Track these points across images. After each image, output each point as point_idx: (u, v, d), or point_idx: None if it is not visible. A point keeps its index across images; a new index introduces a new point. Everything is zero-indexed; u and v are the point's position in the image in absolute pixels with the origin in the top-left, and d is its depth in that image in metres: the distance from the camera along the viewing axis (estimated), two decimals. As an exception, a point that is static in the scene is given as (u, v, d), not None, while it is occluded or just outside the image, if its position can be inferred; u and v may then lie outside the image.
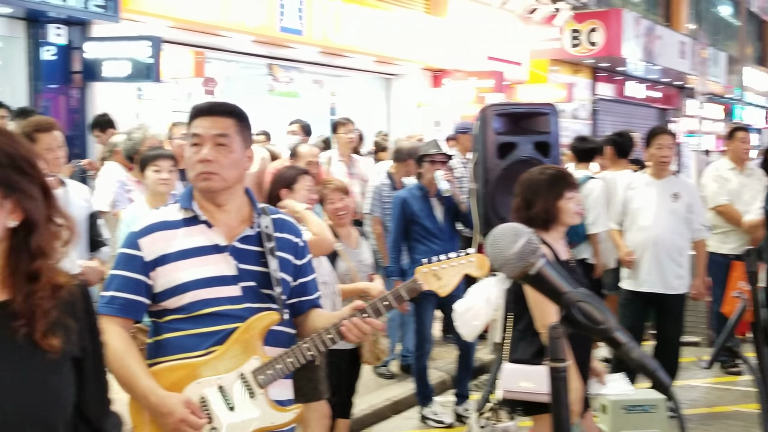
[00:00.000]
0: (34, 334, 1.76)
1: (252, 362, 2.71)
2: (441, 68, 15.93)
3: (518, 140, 5.09)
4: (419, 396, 6.44)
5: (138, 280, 2.70)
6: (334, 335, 2.74)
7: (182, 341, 2.69)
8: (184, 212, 2.75)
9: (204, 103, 2.86)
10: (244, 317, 2.71)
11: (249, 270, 2.75)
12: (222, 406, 2.68)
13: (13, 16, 9.50)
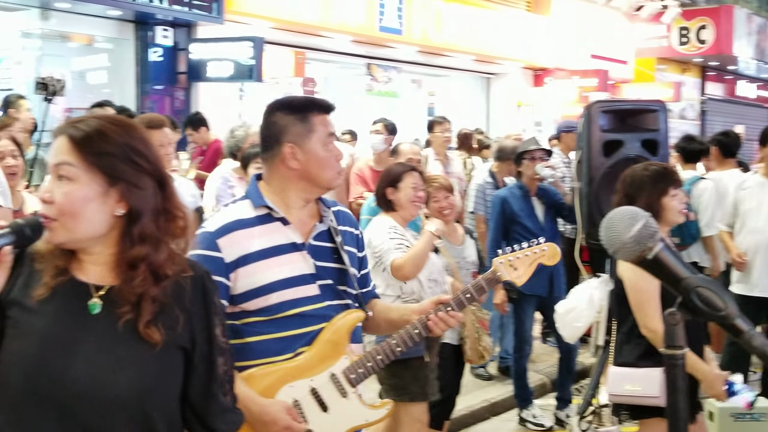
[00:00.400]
0: (137, 322, 1.80)
1: (342, 362, 2.68)
2: (543, 67, 15.70)
3: (625, 138, 4.95)
4: (518, 398, 6.32)
5: (220, 282, 2.52)
6: (421, 330, 2.74)
7: (268, 345, 2.60)
8: (257, 209, 2.64)
9: (324, 100, 2.79)
10: (326, 316, 2.66)
11: (326, 267, 2.70)
12: (315, 408, 2.63)
13: (122, 18, 9.80)
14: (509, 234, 6.20)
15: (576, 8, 16.16)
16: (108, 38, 10.17)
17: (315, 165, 2.65)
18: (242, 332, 2.60)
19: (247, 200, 2.68)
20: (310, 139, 2.65)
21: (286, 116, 2.66)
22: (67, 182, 1.81)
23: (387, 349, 2.73)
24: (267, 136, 2.70)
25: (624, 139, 4.95)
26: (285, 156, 2.64)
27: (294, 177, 2.66)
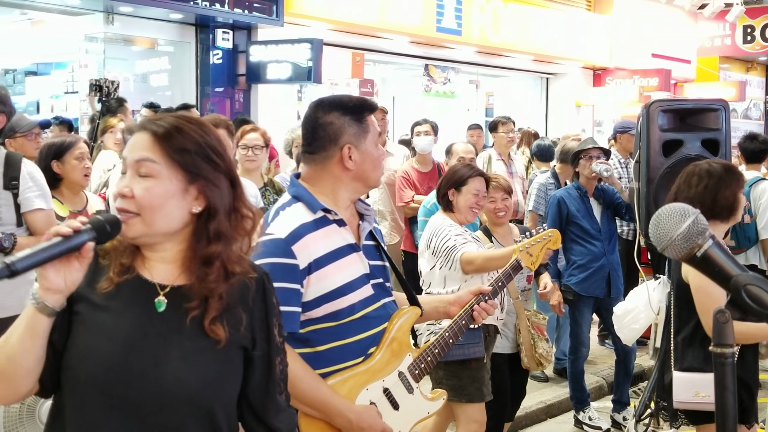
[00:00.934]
0: (204, 319, 1.84)
1: (407, 359, 2.74)
2: (603, 66, 15.52)
3: (685, 137, 4.86)
4: (574, 400, 6.27)
5: (297, 290, 2.52)
6: (467, 320, 2.89)
7: (339, 351, 2.60)
8: (314, 213, 2.61)
9: (371, 99, 2.82)
10: (385, 316, 2.70)
11: (375, 266, 2.74)
12: (388, 408, 2.69)
13: (183, 22, 9.96)
14: (565, 235, 6.16)
15: (637, 7, 15.93)
16: (169, 41, 10.35)
17: (369, 165, 2.67)
18: (312, 341, 2.59)
19: (299, 203, 2.64)
20: (366, 139, 2.66)
21: (342, 117, 2.64)
22: (148, 178, 1.84)
23: (442, 342, 2.84)
24: (321, 137, 2.65)
25: (684, 139, 4.86)
26: (342, 156, 2.63)
27: (347, 177, 2.66)
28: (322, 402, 2.53)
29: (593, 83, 15.73)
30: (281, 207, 2.67)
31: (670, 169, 4.83)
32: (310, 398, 2.51)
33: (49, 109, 10.40)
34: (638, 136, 4.96)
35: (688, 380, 3.75)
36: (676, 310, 3.93)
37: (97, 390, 1.78)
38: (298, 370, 2.48)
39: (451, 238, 4.41)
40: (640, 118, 4.95)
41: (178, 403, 1.81)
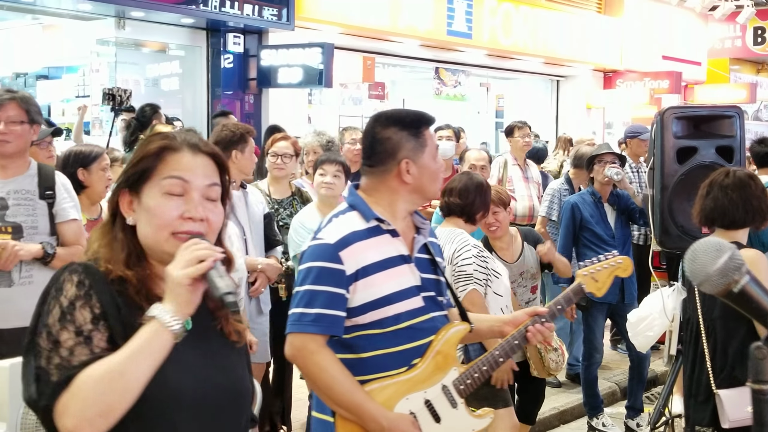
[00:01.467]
0: (220, 328, 1.93)
1: (452, 373, 2.74)
2: (613, 69, 15.50)
3: (699, 144, 4.82)
4: (587, 406, 6.25)
5: (342, 295, 2.59)
6: (521, 341, 2.83)
7: (384, 360, 2.64)
8: (367, 222, 2.68)
9: (428, 114, 2.85)
10: (433, 328, 2.73)
11: (428, 279, 2.77)
12: (429, 419, 2.68)
13: (194, 26, 9.98)
14: (578, 240, 6.14)
15: (648, 9, 15.90)
16: (180, 45, 10.38)
17: (427, 178, 2.74)
18: (356, 347, 2.65)
19: (354, 212, 2.71)
20: (423, 153, 2.72)
21: (400, 132, 2.71)
22: (215, 203, 1.89)
23: (491, 360, 2.81)
24: (379, 151, 2.73)
25: (698, 146, 4.82)
26: (400, 171, 2.69)
27: (405, 190, 2.73)
28: (355, 405, 2.58)
29: (604, 86, 15.71)
30: (335, 214, 2.74)
31: (684, 176, 4.80)
32: (344, 401, 2.58)
33: (60, 113, 10.44)
34: (652, 142, 4.94)
35: (740, 396, 3.63)
36: (721, 322, 3.81)
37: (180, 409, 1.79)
38: (335, 372, 2.57)
39: (473, 269, 4.30)
40: (654, 125, 4.92)
41: (243, 399, 1.94)
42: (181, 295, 1.73)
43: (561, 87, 15.55)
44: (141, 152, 1.89)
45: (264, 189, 5.51)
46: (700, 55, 17.83)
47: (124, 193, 1.87)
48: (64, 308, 1.74)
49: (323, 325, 2.59)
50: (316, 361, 2.58)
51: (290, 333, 2.63)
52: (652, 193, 4.94)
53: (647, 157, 5.10)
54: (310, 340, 2.58)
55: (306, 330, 2.58)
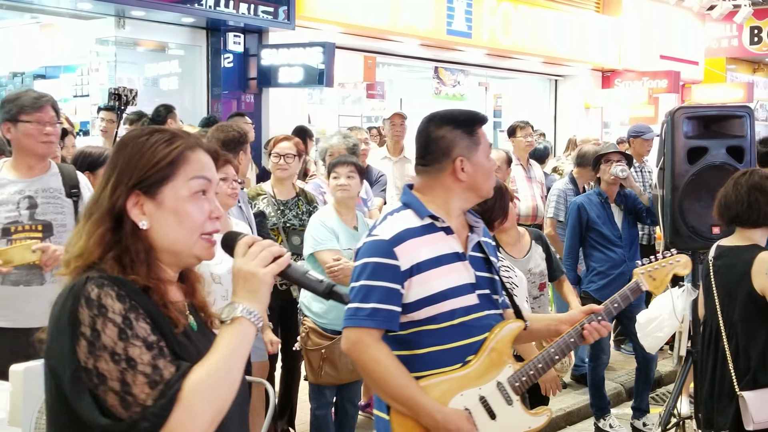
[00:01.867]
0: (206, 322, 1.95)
1: (507, 370, 2.76)
2: (612, 68, 15.49)
3: (709, 144, 4.82)
4: (594, 407, 6.23)
5: (397, 290, 2.64)
6: (576, 339, 2.86)
7: (439, 356, 2.68)
8: (421, 219, 2.73)
9: (481, 113, 2.90)
10: (487, 326, 2.76)
11: (483, 277, 2.81)
12: (484, 416, 2.70)
13: (194, 25, 9.93)
14: (585, 241, 6.12)
15: (647, 8, 15.91)
16: (180, 45, 10.32)
17: (481, 176, 2.78)
18: (412, 343, 2.69)
19: (408, 210, 2.76)
20: (477, 151, 2.77)
21: (454, 130, 2.76)
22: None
23: (547, 358, 2.83)
24: (434, 150, 2.77)
25: (708, 146, 4.82)
26: (455, 168, 2.74)
27: (460, 188, 2.77)
28: (410, 399, 2.61)
29: (602, 85, 15.71)
30: (390, 212, 2.80)
31: (695, 176, 4.80)
32: (398, 394, 2.62)
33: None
34: (662, 143, 4.92)
35: (765, 398, 3.68)
36: (742, 324, 3.83)
37: None
38: (390, 365, 2.61)
39: None
40: (665, 125, 4.91)
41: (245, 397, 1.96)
42: (263, 292, 1.77)
43: (559, 86, 15.54)
44: (160, 153, 1.79)
45: (268, 190, 5.48)
46: (698, 54, 17.85)
47: (135, 195, 1.76)
48: (120, 324, 1.63)
49: (379, 319, 2.63)
50: (372, 354, 2.62)
51: (346, 327, 2.69)
52: (662, 193, 4.92)
53: (657, 158, 5.07)
54: (366, 334, 2.62)
55: (362, 324, 2.64)
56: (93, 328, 1.62)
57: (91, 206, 1.80)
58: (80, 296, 1.65)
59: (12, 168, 3.99)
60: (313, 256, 4.78)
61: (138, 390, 1.61)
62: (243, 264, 1.79)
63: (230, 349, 1.70)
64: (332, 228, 4.80)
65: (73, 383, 1.61)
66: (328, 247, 4.73)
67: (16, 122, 3.90)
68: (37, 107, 3.92)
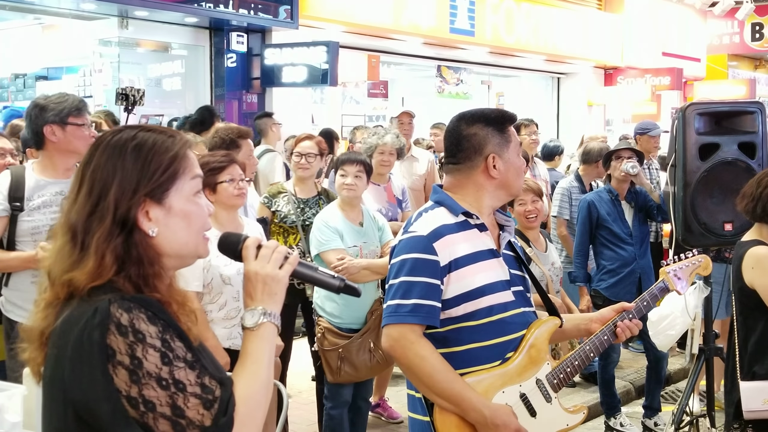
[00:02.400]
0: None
1: (545, 367, 2.75)
2: (614, 65, 15.46)
3: (721, 141, 4.79)
4: (605, 406, 6.20)
5: (437, 285, 2.63)
6: (609, 336, 2.87)
7: (478, 353, 2.67)
8: (456, 216, 2.73)
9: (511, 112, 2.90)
10: (524, 323, 2.76)
11: (516, 274, 2.82)
12: (525, 413, 2.69)
13: (198, 25, 9.90)
14: (595, 239, 6.09)
15: (649, 5, 15.88)
16: (183, 45, 10.29)
17: (513, 173, 2.79)
18: (450, 341, 2.67)
19: (441, 207, 2.75)
20: (508, 148, 2.78)
21: (485, 128, 2.77)
22: None
23: (582, 355, 2.84)
24: (465, 148, 2.77)
25: (720, 142, 4.79)
26: (487, 165, 2.74)
27: (491, 186, 2.78)
28: (457, 395, 2.59)
29: (604, 82, 15.67)
30: (424, 210, 2.80)
31: (706, 172, 4.77)
32: (445, 389, 2.59)
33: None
34: (674, 139, 4.89)
35: (758, 389, 3.78)
36: (741, 318, 3.92)
37: None
38: (435, 362, 2.59)
39: None
40: (676, 122, 4.88)
41: None
42: (281, 293, 1.79)
43: (562, 84, 15.51)
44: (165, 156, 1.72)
45: (289, 188, 5.47)
46: (700, 51, 17.82)
47: (145, 203, 1.69)
48: (160, 349, 1.58)
49: (421, 315, 2.61)
50: (416, 350, 2.59)
51: (387, 325, 2.65)
52: (673, 190, 4.89)
53: (668, 154, 5.04)
54: (409, 331, 2.60)
55: (404, 321, 2.62)
56: (133, 356, 1.56)
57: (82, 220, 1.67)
58: (108, 323, 1.56)
59: (44, 169, 4.02)
60: (319, 257, 4.77)
61: (192, 413, 1.58)
62: (259, 268, 1.77)
63: (264, 355, 1.73)
64: (335, 227, 4.78)
65: (117, 415, 1.55)
66: (332, 247, 4.72)
67: (65, 125, 3.94)
68: (83, 110, 4.02)
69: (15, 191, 3.89)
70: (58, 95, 4.07)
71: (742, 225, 4.73)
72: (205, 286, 4.12)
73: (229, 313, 4.17)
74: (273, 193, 5.47)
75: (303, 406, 6.19)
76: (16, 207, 3.89)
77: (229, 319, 4.19)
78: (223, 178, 4.16)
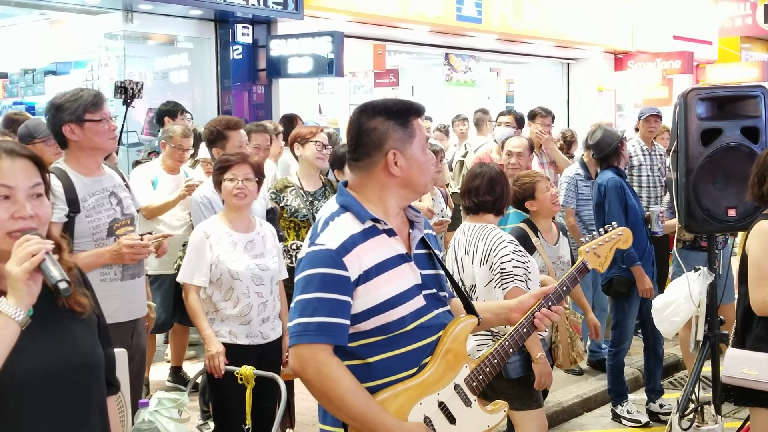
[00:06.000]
0: (67, 301, 2.14)
1: (463, 371, 2.63)
2: (624, 50, 15.35)
3: (724, 126, 4.74)
4: (612, 393, 6.18)
5: (348, 302, 2.45)
6: (528, 328, 2.74)
7: (391, 363, 2.52)
8: (362, 223, 2.53)
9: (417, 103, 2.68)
10: (437, 326, 2.60)
11: (428, 275, 2.64)
12: (444, 422, 2.58)
13: (203, 18, 9.90)
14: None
15: (659, -12, 15.75)
16: (189, 38, 10.29)
17: (416, 171, 2.57)
18: (359, 353, 2.51)
19: (347, 213, 2.56)
20: (412, 144, 2.56)
21: (386, 121, 2.54)
22: (39, 199, 2.15)
23: (501, 352, 2.70)
24: (365, 143, 2.56)
25: (723, 127, 4.74)
26: (388, 163, 2.53)
27: (394, 184, 2.57)
28: (371, 419, 2.44)
29: (615, 68, 15.56)
30: (330, 217, 2.57)
31: (709, 158, 4.72)
32: (358, 414, 2.44)
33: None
34: (675, 125, 4.84)
35: (739, 357, 3.90)
36: (741, 288, 3.97)
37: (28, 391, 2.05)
38: (349, 384, 2.43)
39: (511, 261, 4.21)
40: (678, 107, 4.83)
41: (93, 370, 2.20)
42: (21, 290, 1.97)
43: (572, 70, 15.41)
44: None
45: (296, 182, 5.46)
46: (711, 34, 17.66)
47: None
48: None
49: (332, 334, 2.44)
50: (327, 373, 2.42)
51: (295, 345, 2.46)
52: (676, 176, 4.85)
53: (670, 140, 5.00)
54: (320, 350, 2.43)
55: (314, 340, 2.42)
56: None
57: None
58: None
59: (80, 168, 3.94)
60: None
61: None
62: (7, 263, 1.99)
63: None
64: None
65: None
66: None
67: (82, 122, 3.85)
68: (100, 104, 3.91)
69: (69, 194, 3.83)
70: (73, 92, 3.93)
71: (745, 210, 4.69)
72: (215, 282, 4.25)
73: (242, 310, 4.27)
74: (279, 187, 5.47)
75: (310, 397, 6.18)
76: (73, 210, 3.84)
77: (244, 315, 4.28)
78: (226, 176, 4.31)
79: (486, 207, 4.41)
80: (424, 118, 2.78)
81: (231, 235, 4.31)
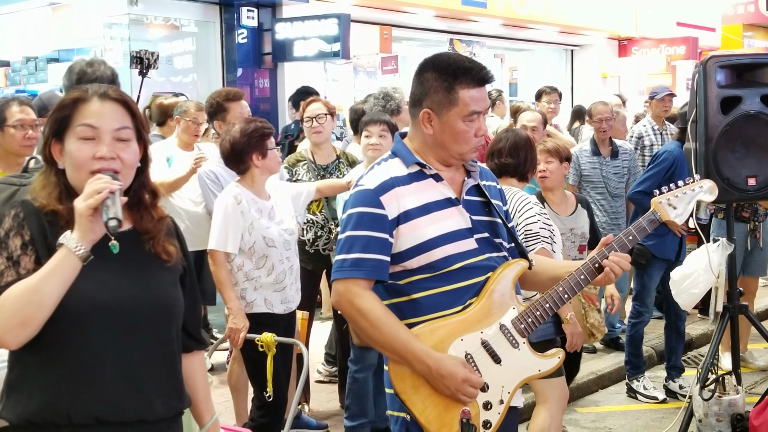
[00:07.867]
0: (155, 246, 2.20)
1: (511, 312, 2.63)
2: (628, 36, 15.29)
3: (743, 93, 4.68)
4: (629, 365, 6.13)
5: (384, 239, 2.53)
6: (587, 275, 2.68)
7: (436, 299, 2.56)
8: (409, 167, 2.62)
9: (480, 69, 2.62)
10: (488, 267, 2.63)
11: (481, 221, 2.68)
12: (488, 360, 2.58)
13: (207, 1, 9.83)
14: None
15: (662, -26, 15.70)
16: (193, 21, 10.22)
17: (449, 137, 2.60)
18: (407, 290, 2.59)
19: (396, 158, 2.66)
20: (449, 111, 2.57)
21: (434, 81, 2.58)
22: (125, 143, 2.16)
23: (555, 296, 2.67)
24: (413, 93, 2.64)
25: (742, 95, 4.68)
26: (422, 119, 2.60)
27: (430, 140, 2.63)
28: (401, 347, 2.51)
29: (619, 54, 15.52)
30: (378, 162, 2.70)
31: (729, 126, 4.66)
32: (388, 342, 2.52)
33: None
34: (694, 93, 4.79)
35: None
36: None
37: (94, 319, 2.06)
38: (379, 314, 2.52)
39: (537, 222, 4.18)
40: (696, 75, 4.78)
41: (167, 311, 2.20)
42: (84, 224, 1.99)
43: (576, 56, 15.37)
44: (58, 105, 2.15)
45: (308, 156, 5.40)
46: (714, 21, 17.61)
47: (53, 143, 2.14)
48: (1, 238, 2.06)
49: (365, 268, 2.53)
50: (358, 305, 2.52)
51: (334, 281, 2.59)
52: (695, 146, 4.79)
53: (689, 110, 4.94)
54: (353, 284, 2.53)
55: (348, 275, 2.53)
56: None
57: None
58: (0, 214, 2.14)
59: None
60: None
61: None
62: (77, 199, 2.03)
63: (45, 271, 1.98)
64: None
65: None
66: None
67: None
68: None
69: None
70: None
71: (765, 179, 4.65)
72: (248, 250, 4.16)
73: (278, 277, 4.22)
74: (292, 162, 5.42)
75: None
76: None
77: (279, 282, 4.23)
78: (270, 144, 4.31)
79: (509, 170, 4.37)
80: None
81: (257, 202, 4.25)
